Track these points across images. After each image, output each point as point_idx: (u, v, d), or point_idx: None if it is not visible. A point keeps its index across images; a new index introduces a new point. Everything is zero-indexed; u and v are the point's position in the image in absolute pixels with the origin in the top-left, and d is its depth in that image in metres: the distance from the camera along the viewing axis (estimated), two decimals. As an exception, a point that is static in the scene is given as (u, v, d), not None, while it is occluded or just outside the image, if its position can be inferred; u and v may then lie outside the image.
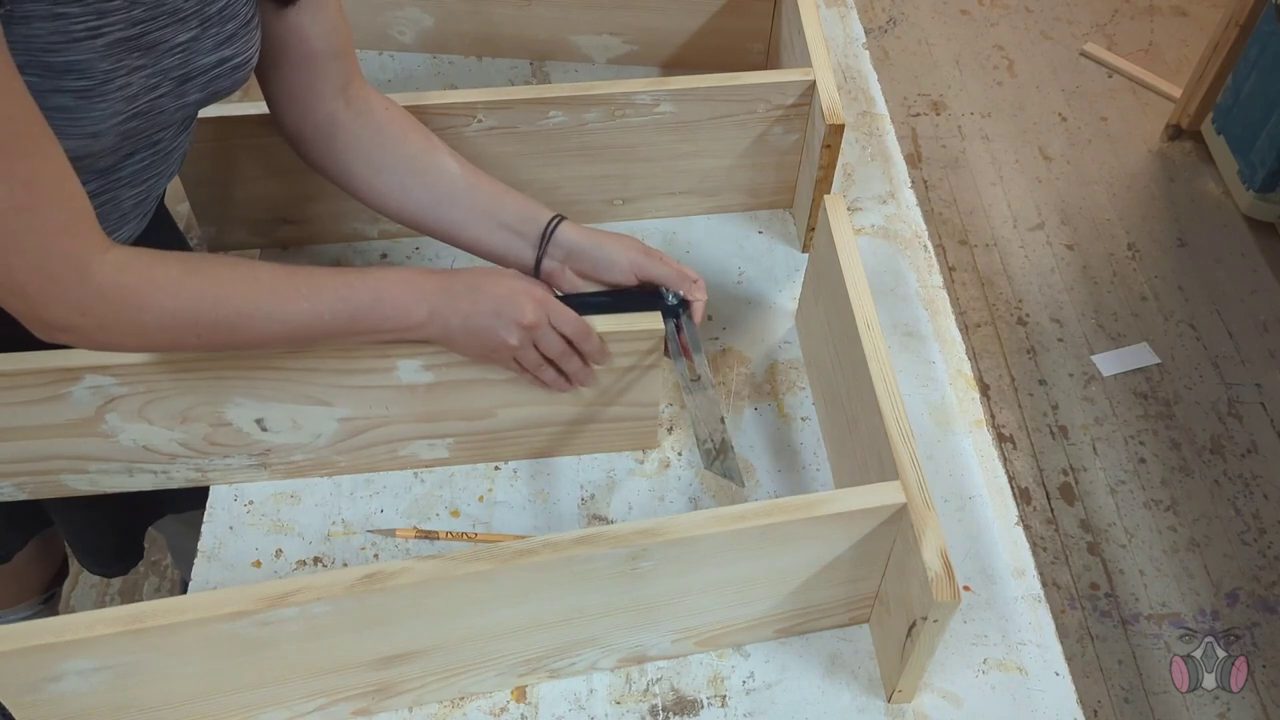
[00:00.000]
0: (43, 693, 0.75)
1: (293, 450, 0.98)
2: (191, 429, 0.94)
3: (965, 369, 1.11)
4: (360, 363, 0.91)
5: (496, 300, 0.87)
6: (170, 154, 0.93)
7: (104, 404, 0.90)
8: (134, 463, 0.96)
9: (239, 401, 0.93)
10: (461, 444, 1.01)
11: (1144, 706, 1.74)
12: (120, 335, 0.79)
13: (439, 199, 0.97)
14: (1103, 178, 2.56)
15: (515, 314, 0.87)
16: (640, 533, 0.78)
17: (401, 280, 0.86)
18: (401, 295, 0.85)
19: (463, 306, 0.87)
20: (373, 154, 0.97)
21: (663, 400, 1.03)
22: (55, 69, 0.74)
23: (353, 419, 0.96)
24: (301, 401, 0.94)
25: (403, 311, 0.86)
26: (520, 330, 0.87)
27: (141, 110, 0.83)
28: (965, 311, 2.29)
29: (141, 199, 0.93)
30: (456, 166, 0.98)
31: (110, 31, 0.76)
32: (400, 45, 1.42)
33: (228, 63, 0.88)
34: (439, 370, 0.93)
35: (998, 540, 0.98)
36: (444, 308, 0.86)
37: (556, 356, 0.91)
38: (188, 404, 0.92)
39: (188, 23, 0.82)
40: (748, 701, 0.89)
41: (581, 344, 0.91)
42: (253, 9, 0.89)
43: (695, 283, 0.96)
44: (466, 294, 0.87)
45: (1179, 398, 2.15)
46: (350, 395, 0.94)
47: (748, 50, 1.38)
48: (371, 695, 0.85)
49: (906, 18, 2.95)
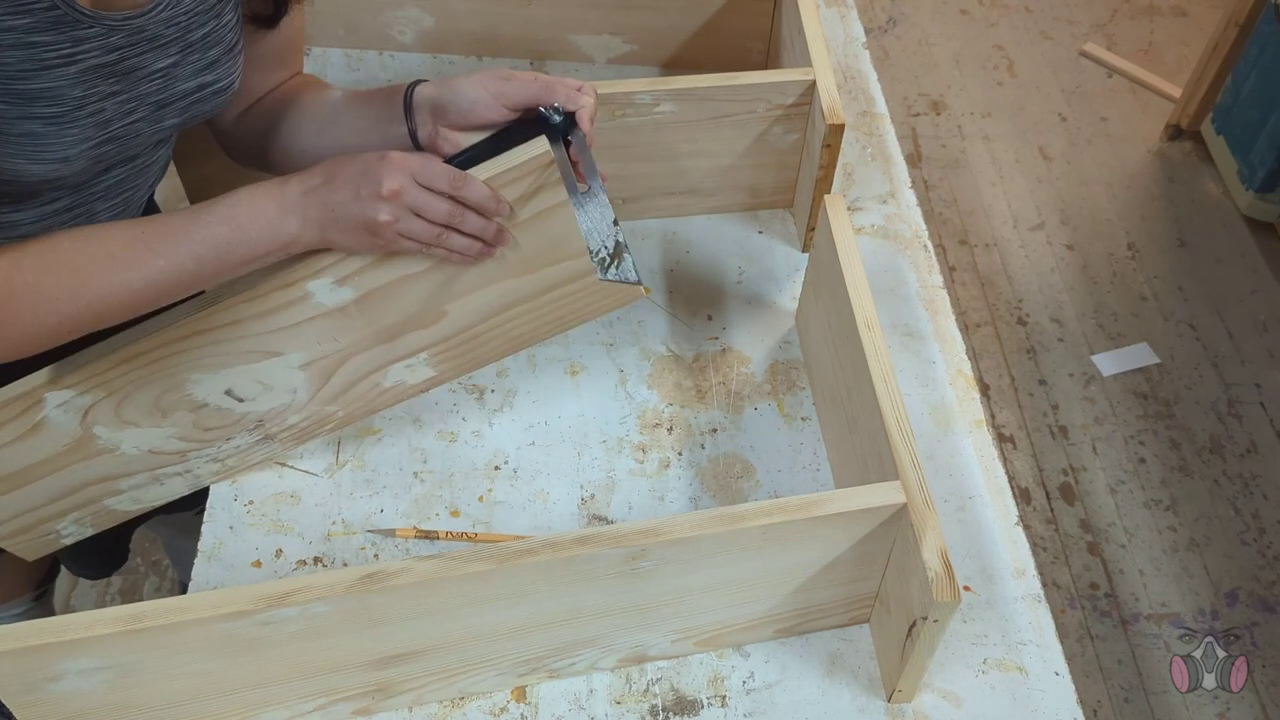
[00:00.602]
0: (43, 692, 0.75)
1: (283, 414, 0.97)
2: (176, 419, 0.94)
3: (965, 369, 1.11)
4: (270, 300, 0.88)
5: (353, 180, 0.80)
6: (148, 168, 0.92)
7: (82, 418, 0.91)
8: (153, 470, 0.97)
9: (196, 378, 0.91)
10: (437, 357, 0.96)
11: (1144, 706, 1.74)
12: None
13: (323, 125, 0.94)
14: (1103, 178, 2.56)
15: (374, 186, 0.79)
16: (640, 533, 0.78)
17: (255, 199, 0.80)
18: (260, 214, 0.80)
19: (325, 198, 0.80)
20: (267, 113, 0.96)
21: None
22: (25, 96, 0.72)
23: (312, 362, 0.93)
24: (251, 360, 0.91)
25: (269, 231, 0.81)
26: (387, 202, 0.80)
27: (115, 135, 0.82)
28: (965, 311, 2.29)
29: (119, 211, 0.92)
30: (339, 94, 0.96)
31: (85, 58, 0.75)
32: (400, 45, 1.42)
33: (208, 88, 0.87)
34: (351, 281, 0.88)
35: (998, 540, 0.98)
36: (309, 209, 0.81)
37: (445, 218, 0.82)
38: (153, 395, 0.91)
39: (168, 49, 0.81)
40: (748, 701, 0.89)
41: (463, 193, 0.82)
42: (237, 35, 0.87)
43: (578, 90, 0.86)
44: (325, 186, 0.81)
45: (1179, 398, 2.15)
46: (289, 337, 0.91)
47: (748, 50, 1.38)
48: (371, 695, 0.85)
49: (906, 18, 2.95)
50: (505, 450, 1.04)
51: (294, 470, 1.02)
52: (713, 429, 1.06)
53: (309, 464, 1.03)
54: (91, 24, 0.73)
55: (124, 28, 0.76)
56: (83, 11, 0.72)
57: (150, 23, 0.78)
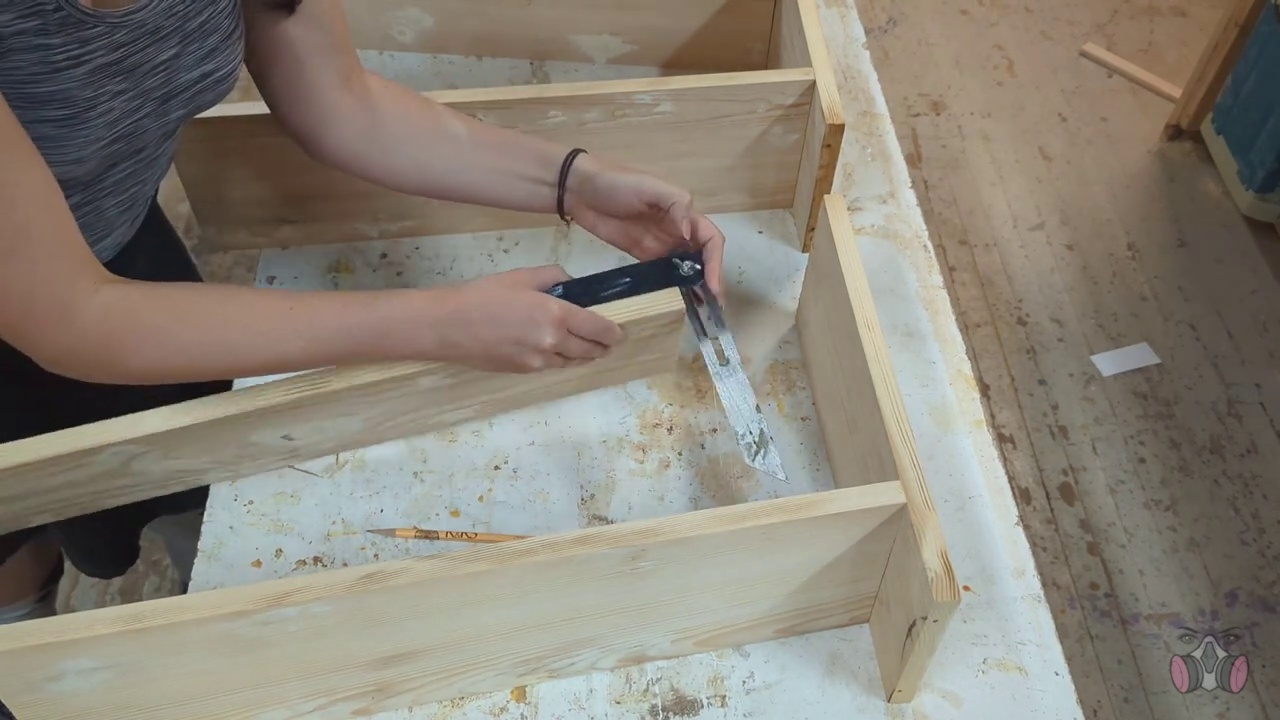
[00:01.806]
0: (43, 692, 0.75)
1: (320, 444, 1.00)
2: (220, 453, 0.95)
3: (965, 369, 1.11)
4: (382, 393, 0.93)
5: (517, 327, 0.86)
6: (155, 161, 0.92)
7: (128, 460, 0.91)
8: (167, 480, 0.97)
9: (264, 430, 0.94)
10: (487, 405, 1.03)
11: (1144, 706, 1.74)
12: (108, 375, 0.80)
13: (453, 166, 0.97)
14: (1103, 178, 2.56)
15: (536, 340, 0.86)
16: (640, 533, 0.78)
17: (407, 315, 0.85)
18: (408, 327, 0.85)
19: (482, 335, 0.86)
20: (381, 137, 0.97)
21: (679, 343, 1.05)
22: (36, 99, 0.73)
23: (377, 418, 0.98)
24: (326, 417, 0.95)
25: (409, 343, 0.86)
26: (543, 354, 0.87)
27: (124, 133, 0.82)
28: (965, 311, 2.29)
29: (127, 206, 0.93)
30: (463, 129, 0.97)
31: (92, 58, 0.75)
32: (400, 45, 1.42)
33: (210, 77, 0.87)
34: (459, 375, 0.95)
35: (998, 540, 0.98)
36: (456, 334, 0.86)
37: (580, 355, 0.91)
38: (212, 445, 0.93)
39: (168, 41, 0.81)
40: (748, 701, 0.89)
41: (603, 340, 0.91)
42: (235, 21, 0.87)
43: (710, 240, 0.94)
44: (484, 324, 0.86)
45: (1179, 398, 2.15)
46: (372, 404, 0.95)
47: (748, 50, 1.38)
48: (371, 695, 0.85)
49: (906, 18, 2.94)
50: (505, 450, 1.04)
51: (294, 470, 1.02)
52: (713, 429, 1.06)
53: (309, 464, 1.03)
54: (95, 23, 0.74)
55: (125, 24, 0.76)
56: (85, 11, 0.73)
57: (149, 15, 0.78)
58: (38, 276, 0.72)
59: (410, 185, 0.99)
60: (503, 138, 0.98)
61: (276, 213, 1.17)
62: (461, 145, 0.97)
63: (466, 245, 1.22)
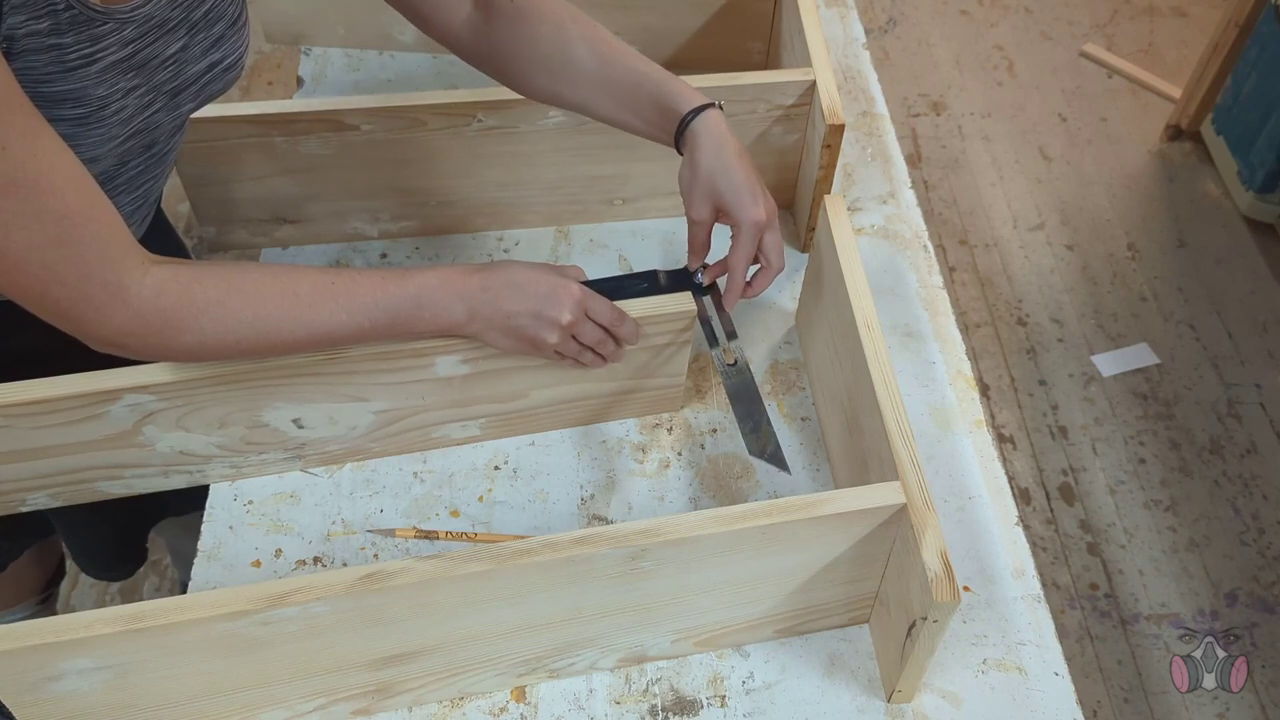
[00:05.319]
0: (43, 692, 0.75)
1: (328, 442, 0.99)
2: (229, 433, 0.95)
3: (965, 369, 1.11)
4: (398, 361, 0.92)
5: (538, 300, 0.88)
6: (165, 156, 0.93)
7: (141, 419, 0.91)
8: (169, 466, 0.97)
9: (277, 405, 0.94)
10: (493, 423, 1.03)
11: (1143, 706, 1.74)
12: (164, 353, 0.81)
13: (580, 94, 0.98)
14: (1103, 178, 2.56)
15: (555, 314, 0.88)
16: (640, 533, 0.78)
17: (440, 282, 0.87)
18: (441, 297, 0.87)
19: (505, 305, 0.88)
20: (514, 50, 0.98)
21: (686, 372, 1.05)
22: (51, 99, 0.73)
23: (389, 410, 0.98)
24: (339, 400, 0.95)
25: (442, 313, 0.87)
26: (561, 329, 0.89)
27: (137, 129, 0.83)
28: (965, 311, 2.29)
29: (140, 203, 0.93)
30: (590, 62, 0.96)
31: (104, 56, 0.76)
32: (400, 45, 1.42)
33: (218, 66, 0.88)
34: (476, 363, 0.95)
35: (997, 540, 0.98)
36: (483, 307, 0.88)
37: (594, 344, 0.93)
38: (225, 411, 0.93)
39: (175, 33, 0.82)
40: (747, 702, 0.89)
41: (617, 330, 0.93)
42: (239, 8, 0.88)
43: (762, 270, 0.96)
44: (508, 292, 0.88)
45: (1179, 398, 2.15)
46: (387, 390, 0.95)
47: (748, 50, 1.38)
48: (371, 695, 0.85)
49: (906, 18, 2.95)
50: (505, 450, 1.04)
51: (294, 469, 1.02)
52: (713, 429, 1.06)
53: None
54: (105, 20, 0.74)
55: (134, 19, 0.77)
56: (95, 9, 0.73)
57: (156, 9, 0.78)
58: (90, 260, 0.73)
59: (543, 99, 1.01)
60: (626, 78, 0.96)
61: (276, 213, 1.17)
62: (586, 75, 0.96)
63: (466, 245, 1.22)
